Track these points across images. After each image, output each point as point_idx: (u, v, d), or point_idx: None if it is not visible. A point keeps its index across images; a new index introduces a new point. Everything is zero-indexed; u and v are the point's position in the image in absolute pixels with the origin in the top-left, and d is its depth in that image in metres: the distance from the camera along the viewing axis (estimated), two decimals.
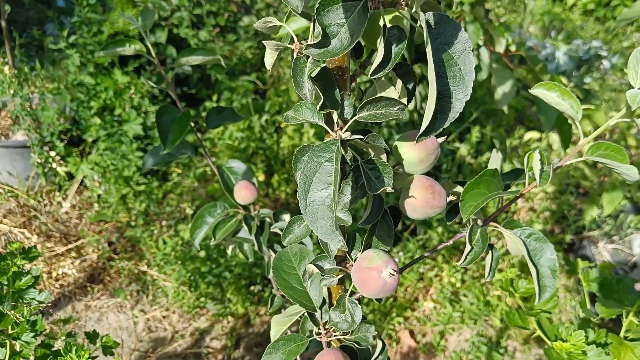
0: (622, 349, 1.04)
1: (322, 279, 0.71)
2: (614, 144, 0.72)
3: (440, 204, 0.66)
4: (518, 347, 2.40)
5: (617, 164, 0.71)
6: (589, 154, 0.73)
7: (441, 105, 0.52)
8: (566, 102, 0.72)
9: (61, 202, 2.81)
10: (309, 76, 0.56)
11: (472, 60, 0.52)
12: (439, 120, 0.53)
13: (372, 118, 0.58)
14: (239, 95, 2.98)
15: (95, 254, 2.60)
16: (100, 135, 2.73)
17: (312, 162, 0.54)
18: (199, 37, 3.14)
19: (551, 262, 0.75)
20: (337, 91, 0.60)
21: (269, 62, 0.63)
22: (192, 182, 2.89)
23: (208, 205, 1.20)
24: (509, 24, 4.55)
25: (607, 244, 2.79)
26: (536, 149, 0.74)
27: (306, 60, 0.57)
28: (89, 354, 1.01)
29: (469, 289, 2.52)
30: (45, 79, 3.01)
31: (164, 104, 1.21)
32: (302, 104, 0.60)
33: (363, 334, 0.75)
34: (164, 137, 1.17)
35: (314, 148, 0.55)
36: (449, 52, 0.52)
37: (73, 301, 2.43)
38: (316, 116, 0.60)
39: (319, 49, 0.53)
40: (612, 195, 2.52)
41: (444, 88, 0.52)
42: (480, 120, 3.07)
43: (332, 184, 0.53)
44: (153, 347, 2.28)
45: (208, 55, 1.21)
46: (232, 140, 2.89)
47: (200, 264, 2.39)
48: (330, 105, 0.58)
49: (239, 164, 1.23)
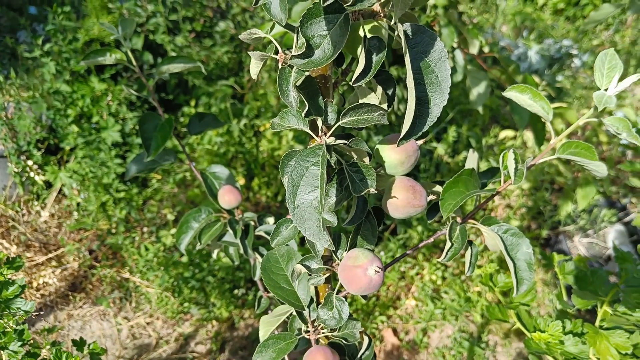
0: (598, 338, 1.08)
1: (309, 278, 0.73)
2: (584, 142, 0.76)
3: (422, 204, 0.69)
4: (499, 342, 2.45)
5: (587, 161, 0.75)
6: (560, 152, 0.76)
7: (420, 111, 0.55)
8: (537, 103, 0.76)
9: (40, 211, 2.79)
10: (294, 85, 0.59)
11: (448, 67, 0.55)
12: (418, 125, 0.56)
13: (355, 124, 0.61)
14: (217, 100, 2.99)
15: (76, 262, 2.59)
16: (78, 143, 2.71)
17: (299, 167, 0.57)
18: (175, 42, 3.14)
19: (527, 256, 0.78)
20: (321, 98, 0.62)
21: (254, 71, 0.66)
22: (172, 188, 2.89)
23: (193, 211, 1.21)
24: (482, 25, 4.64)
25: (582, 238, 2.86)
26: (511, 147, 0.78)
27: (291, 70, 0.59)
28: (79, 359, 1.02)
29: (450, 286, 2.57)
30: (20, 87, 2.98)
31: (146, 112, 1.22)
32: (287, 111, 0.63)
33: (350, 330, 0.77)
34: (147, 144, 1.19)
35: (301, 153, 0.58)
36: (426, 60, 0.55)
37: (55, 310, 2.41)
38: (301, 123, 0.62)
39: (303, 59, 0.55)
40: (586, 191, 2.59)
41: (422, 94, 0.55)
42: (457, 120, 3.13)
43: (318, 186, 0.56)
44: (137, 353, 2.28)
45: (188, 62, 1.22)
46: (212, 145, 2.90)
47: (183, 269, 2.39)
48: (315, 112, 0.61)
49: (222, 169, 1.25)
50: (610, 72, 0.70)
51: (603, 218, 2.79)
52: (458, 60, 1.47)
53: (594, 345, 1.06)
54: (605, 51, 0.71)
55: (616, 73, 0.69)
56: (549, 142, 0.79)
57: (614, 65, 0.70)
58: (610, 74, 0.70)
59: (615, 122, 0.68)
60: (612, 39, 4.65)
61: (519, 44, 4.19)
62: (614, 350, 1.06)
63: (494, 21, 4.81)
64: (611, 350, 1.06)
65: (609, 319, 1.16)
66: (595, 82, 0.69)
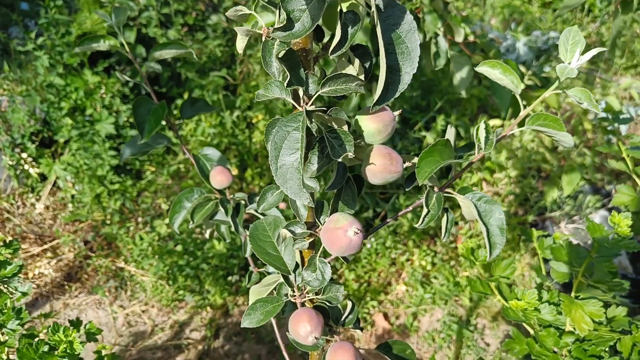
0: (573, 307, 1.13)
1: (294, 243, 0.78)
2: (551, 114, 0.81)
3: (398, 169, 0.74)
4: (487, 325, 2.51)
5: (554, 131, 0.80)
6: (529, 124, 0.82)
7: (392, 78, 0.60)
8: (507, 77, 0.81)
9: (35, 203, 2.82)
10: (277, 56, 0.64)
11: (417, 38, 0.60)
12: (390, 91, 0.61)
13: (333, 92, 0.65)
14: (209, 92, 3.03)
15: (71, 253, 2.63)
16: (72, 136, 2.75)
17: (281, 131, 0.62)
18: (167, 36, 3.17)
19: (500, 222, 0.84)
20: (302, 70, 0.67)
21: (240, 46, 0.71)
22: (166, 180, 2.93)
23: (185, 191, 1.26)
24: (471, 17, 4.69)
25: (568, 224, 2.93)
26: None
27: (274, 43, 0.64)
28: (76, 332, 1.07)
29: (439, 271, 2.63)
30: (13, 81, 3.01)
31: (140, 97, 1.26)
32: (271, 82, 0.67)
33: (333, 293, 0.82)
34: (141, 127, 1.23)
35: (283, 119, 0.63)
36: (397, 31, 0.60)
37: (51, 300, 2.45)
38: (284, 93, 0.67)
39: (285, 32, 0.60)
40: (571, 177, 2.65)
41: (394, 63, 0.60)
42: (446, 109, 3.18)
43: (299, 149, 0.61)
44: (133, 341, 2.32)
45: (180, 48, 1.27)
46: (205, 136, 2.94)
47: (177, 258, 2.44)
48: (296, 82, 0.66)
49: (214, 151, 1.30)
50: (573, 47, 0.75)
51: (588, 204, 2.85)
52: (441, 46, 1.52)
53: (569, 314, 1.12)
54: (569, 28, 0.76)
55: (578, 47, 0.74)
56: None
57: (577, 41, 0.75)
58: (574, 48, 0.75)
59: (577, 92, 0.73)
60: (599, 31, 4.71)
61: (507, 36, 4.24)
62: (588, 318, 1.12)
63: (483, 14, 4.87)
64: (585, 319, 1.12)
65: (584, 290, 1.21)
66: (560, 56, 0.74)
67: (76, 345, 1.06)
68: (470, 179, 2.94)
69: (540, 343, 1.17)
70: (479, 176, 2.95)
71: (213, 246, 2.44)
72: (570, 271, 1.18)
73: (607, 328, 1.20)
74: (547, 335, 1.16)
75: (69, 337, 1.06)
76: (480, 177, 2.97)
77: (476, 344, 2.38)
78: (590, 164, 2.87)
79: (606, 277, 1.09)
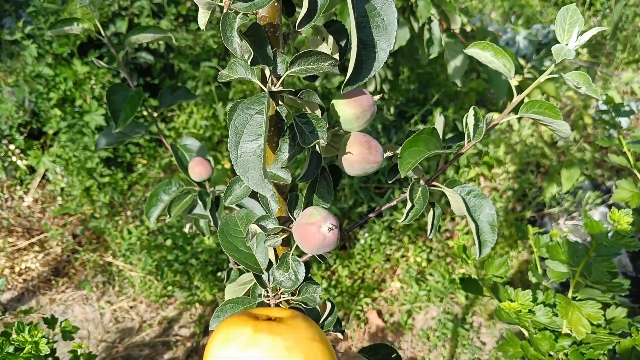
0: (570, 309, 1.07)
1: (266, 240, 0.72)
2: (547, 102, 0.75)
3: (377, 159, 0.67)
4: (483, 323, 2.45)
5: (550, 120, 0.73)
6: (523, 111, 0.75)
7: (365, 55, 0.54)
8: (499, 60, 0.74)
9: (23, 196, 2.76)
10: (239, 31, 0.57)
11: (395, 11, 0.54)
12: (365, 70, 0.54)
13: (303, 72, 0.59)
14: (200, 82, 2.97)
15: (59, 247, 2.57)
16: (61, 127, 2.68)
17: (242, 114, 0.55)
18: (160, 26, 3.10)
19: (490, 217, 0.77)
20: (270, 48, 0.61)
21: (202, 21, 0.64)
22: (157, 173, 2.87)
23: (163, 183, 1.20)
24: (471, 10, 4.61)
25: (567, 220, 2.86)
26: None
27: (235, 16, 0.58)
28: (42, 332, 1.01)
29: (435, 268, 2.56)
30: (2, 71, 2.95)
31: (116, 83, 1.20)
32: (235, 61, 0.61)
33: (310, 294, 0.76)
34: (116, 115, 1.17)
35: (245, 101, 0.56)
36: (371, 2, 0.54)
37: (37, 295, 2.40)
38: (249, 73, 0.60)
39: (246, 2, 0.54)
40: (570, 172, 2.58)
41: (368, 38, 0.54)
42: (443, 102, 3.11)
43: (261, 135, 0.54)
44: (120, 337, 2.26)
45: (158, 32, 1.20)
46: (197, 128, 2.88)
47: (166, 253, 2.38)
48: (262, 60, 0.59)
49: (193, 141, 1.24)
50: (571, 27, 0.68)
51: (587, 200, 2.78)
52: (435, 33, 1.45)
53: (565, 316, 1.05)
54: (567, 6, 0.69)
55: (577, 27, 0.67)
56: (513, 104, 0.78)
57: (575, 21, 0.68)
58: (571, 29, 0.68)
59: (575, 76, 0.67)
60: (600, 24, 4.63)
61: (507, 30, 4.17)
62: (586, 321, 1.06)
63: (483, 7, 4.79)
64: (583, 321, 1.06)
65: (582, 290, 1.15)
66: (557, 37, 0.68)
67: (42, 347, 1.00)
68: (467, 174, 2.87)
69: (535, 346, 1.11)
70: (476, 171, 2.88)
71: (202, 241, 2.38)
72: (568, 270, 1.12)
73: (605, 330, 1.14)
74: (542, 338, 1.10)
75: (34, 338, 1.00)
76: (478, 172, 2.90)
77: (472, 342, 2.33)
78: (590, 159, 2.80)
79: (605, 278, 1.03)
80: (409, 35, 1.52)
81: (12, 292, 2.37)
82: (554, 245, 1.14)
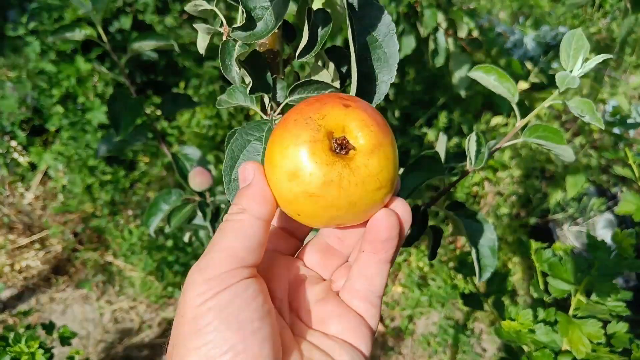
0: (570, 327, 1.06)
1: None
2: (551, 126, 0.73)
3: None
4: (485, 329, 2.44)
5: (554, 145, 0.72)
6: (526, 136, 0.74)
7: (366, 88, 0.53)
8: (503, 85, 0.73)
9: (24, 193, 2.76)
10: (237, 59, 0.56)
11: (396, 43, 0.52)
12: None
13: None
14: (205, 82, 2.95)
15: (60, 245, 2.57)
16: (63, 124, 2.68)
17: (241, 139, 0.54)
18: (165, 23, 3.09)
19: (491, 242, 0.76)
20: (269, 75, 0.60)
21: (201, 46, 0.63)
22: (159, 171, 2.86)
23: (163, 192, 1.19)
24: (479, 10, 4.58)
25: (571, 226, 2.84)
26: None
27: (235, 44, 0.56)
28: (39, 343, 1.00)
29: (437, 273, 2.55)
30: (5, 67, 2.94)
31: (116, 90, 1.19)
32: (234, 87, 0.60)
33: None
34: (117, 123, 1.16)
35: (245, 125, 0.55)
36: (373, 34, 0.52)
37: (37, 293, 2.40)
38: (248, 100, 0.59)
39: (245, 32, 0.53)
40: (575, 179, 2.56)
41: (369, 70, 0.53)
42: (449, 105, 3.09)
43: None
44: (120, 338, 2.26)
45: (161, 40, 1.19)
46: (200, 128, 2.87)
47: (167, 253, 2.38)
48: (261, 88, 0.58)
49: (194, 150, 1.23)
50: (576, 53, 0.67)
51: (592, 207, 2.77)
52: (440, 43, 1.44)
53: (565, 334, 1.04)
54: (573, 31, 0.68)
55: (582, 54, 0.66)
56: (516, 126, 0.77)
57: (581, 46, 0.67)
58: (577, 55, 0.67)
59: (579, 104, 0.65)
60: (609, 27, 4.59)
61: (515, 31, 4.14)
62: (586, 340, 1.05)
63: (491, 7, 4.76)
64: (583, 340, 1.05)
65: (583, 307, 1.14)
66: (561, 62, 0.66)
67: (38, 357, 0.99)
68: (471, 178, 2.86)
69: None
70: (481, 175, 2.87)
71: (192, 243, 2.37)
72: (569, 288, 1.10)
73: (606, 349, 1.12)
74: (541, 356, 1.09)
75: (31, 349, 1.00)
76: (483, 177, 2.88)
77: (472, 349, 2.32)
78: (596, 166, 2.78)
79: (606, 298, 1.01)
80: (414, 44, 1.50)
81: (12, 290, 2.37)
82: (556, 262, 1.12)
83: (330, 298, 0.48)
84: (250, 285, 0.42)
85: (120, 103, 1.18)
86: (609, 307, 1.03)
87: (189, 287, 0.42)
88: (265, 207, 0.44)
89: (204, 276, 0.41)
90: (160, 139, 1.26)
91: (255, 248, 0.43)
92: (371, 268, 0.46)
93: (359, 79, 0.52)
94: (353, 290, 0.48)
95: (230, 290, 0.41)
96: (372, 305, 0.48)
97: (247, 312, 0.40)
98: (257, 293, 0.42)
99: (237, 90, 0.60)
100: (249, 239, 0.43)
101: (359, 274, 0.47)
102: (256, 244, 0.43)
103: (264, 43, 0.59)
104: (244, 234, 0.43)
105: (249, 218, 0.43)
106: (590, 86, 2.74)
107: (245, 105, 0.59)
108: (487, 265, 0.77)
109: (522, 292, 2.56)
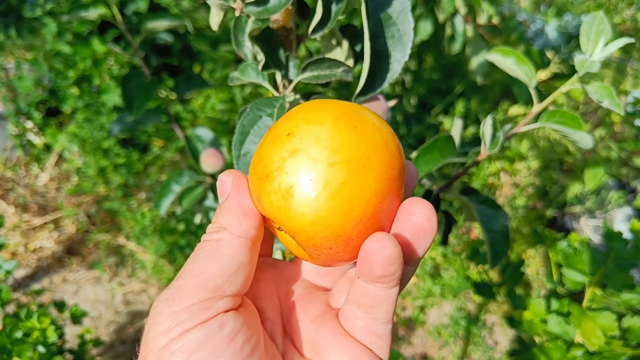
0: (583, 319, 1.04)
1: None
2: (568, 111, 0.71)
3: None
4: (497, 322, 2.42)
5: (571, 131, 0.70)
6: (543, 121, 0.72)
7: (379, 66, 0.51)
8: (520, 68, 0.71)
9: (39, 174, 2.78)
10: (250, 35, 0.55)
11: (411, 20, 0.51)
12: (378, 81, 0.52)
13: (315, 79, 0.56)
14: (220, 66, 2.95)
15: (73, 226, 2.59)
16: (78, 106, 2.69)
17: (252, 114, 0.53)
18: (181, 6, 3.08)
19: (504, 229, 0.75)
20: (282, 52, 0.58)
21: (214, 22, 0.62)
22: (173, 155, 2.87)
23: (175, 174, 1.19)
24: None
25: (588, 219, 2.81)
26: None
27: (247, 20, 0.55)
28: (51, 319, 1.01)
29: (450, 264, 2.53)
30: (22, 48, 2.95)
31: (131, 71, 1.19)
32: (247, 64, 0.59)
33: None
34: (129, 103, 1.16)
35: (257, 101, 0.54)
36: (387, 11, 0.51)
37: (50, 274, 2.42)
38: (260, 77, 0.58)
39: (258, 7, 0.51)
40: (594, 171, 2.53)
41: (382, 48, 0.51)
42: (467, 94, 3.05)
43: None
44: (131, 319, 2.28)
45: (174, 20, 1.18)
46: (214, 112, 2.87)
47: (178, 237, 2.38)
48: (274, 65, 0.57)
49: (207, 132, 1.22)
50: (597, 37, 0.64)
51: (611, 200, 2.72)
52: (458, 28, 1.41)
53: (578, 326, 1.03)
54: (594, 14, 0.65)
55: (602, 37, 0.63)
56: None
57: (602, 30, 0.65)
58: (597, 39, 0.64)
59: (598, 89, 0.63)
60: (634, 17, 4.50)
61: (536, 19, 4.07)
62: (600, 332, 1.03)
63: None
64: (597, 332, 1.03)
65: (598, 299, 1.12)
66: (581, 46, 0.64)
67: (49, 333, 1.00)
68: (487, 169, 2.83)
69: (546, 355, 1.08)
70: (497, 166, 2.83)
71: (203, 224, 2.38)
72: (584, 279, 1.08)
73: (620, 342, 1.11)
74: (553, 347, 1.07)
75: (42, 325, 1.00)
76: (499, 167, 2.85)
77: (484, 341, 2.30)
78: (616, 158, 2.73)
79: (621, 290, 0.99)
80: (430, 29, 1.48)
81: (26, 269, 2.40)
82: (571, 254, 1.10)
83: (329, 321, 0.39)
84: (227, 321, 0.34)
85: (134, 83, 1.17)
86: (624, 299, 1.01)
87: (152, 322, 0.34)
88: (246, 222, 0.37)
89: (170, 309, 0.33)
90: (174, 122, 1.25)
91: (235, 272, 0.35)
92: (371, 298, 0.36)
93: (371, 56, 0.51)
94: (352, 319, 0.38)
95: (201, 330, 0.33)
96: (378, 336, 0.37)
97: (222, 359, 0.32)
98: (236, 332, 0.34)
99: (249, 67, 0.59)
100: (226, 262, 0.35)
101: (357, 302, 0.37)
102: (236, 267, 0.35)
103: (277, 19, 0.58)
104: (221, 255, 0.35)
105: (228, 237, 0.36)
106: (612, 77, 2.69)
107: (257, 82, 0.58)
108: (499, 251, 0.75)
109: (536, 285, 2.54)
